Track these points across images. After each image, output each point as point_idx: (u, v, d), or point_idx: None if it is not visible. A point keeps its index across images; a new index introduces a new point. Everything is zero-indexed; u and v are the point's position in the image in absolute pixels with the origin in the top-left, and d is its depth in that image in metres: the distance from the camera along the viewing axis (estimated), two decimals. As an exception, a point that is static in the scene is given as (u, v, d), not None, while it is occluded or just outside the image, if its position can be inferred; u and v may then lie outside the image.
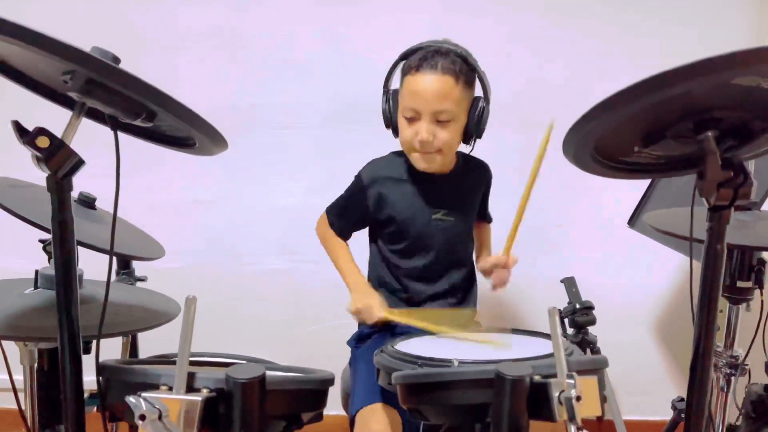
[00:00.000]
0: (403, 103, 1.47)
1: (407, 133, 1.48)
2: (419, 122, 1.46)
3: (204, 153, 1.03)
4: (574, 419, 0.85)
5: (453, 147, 1.52)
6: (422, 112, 1.45)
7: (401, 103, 1.48)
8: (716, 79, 0.79)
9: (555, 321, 0.91)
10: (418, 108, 1.45)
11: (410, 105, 1.45)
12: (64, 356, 0.95)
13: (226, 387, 0.84)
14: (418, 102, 1.44)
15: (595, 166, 1.02)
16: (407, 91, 1.47)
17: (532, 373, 0.89)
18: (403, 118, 1.49)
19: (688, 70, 0.76)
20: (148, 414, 0.78)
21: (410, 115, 1.46)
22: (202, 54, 2.09)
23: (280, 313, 2.21)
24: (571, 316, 1.72)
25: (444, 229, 1.58)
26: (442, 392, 0.97)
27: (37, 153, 0.88)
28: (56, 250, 0.92)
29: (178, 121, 0.87)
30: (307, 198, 2.18)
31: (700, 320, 0.98)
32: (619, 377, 2.12)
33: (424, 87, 1.43)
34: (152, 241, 1.64)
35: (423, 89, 1.44)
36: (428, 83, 1.43)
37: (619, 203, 2.00)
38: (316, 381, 0.98)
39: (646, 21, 2.06)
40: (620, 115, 0.86)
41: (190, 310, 0.85)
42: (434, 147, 1.47)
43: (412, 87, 1.45)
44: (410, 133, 1.47)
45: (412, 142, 1.48)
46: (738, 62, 0.75)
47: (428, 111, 1.44)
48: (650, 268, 2.19)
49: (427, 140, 1.45)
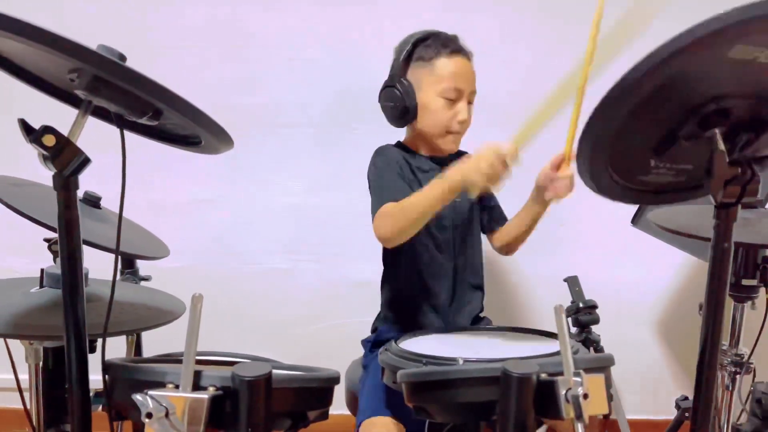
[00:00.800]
0: (443, 84, 1.49)
1: (445, 114, 1.51)
2: (458, 103, 1.51)
3: (209, 151, 1.03)
4: (581, 417, 0.84)
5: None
6: (464, 91, 1.50)
7: (438, 84, 1.49)
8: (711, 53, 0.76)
9: (561, 319, 0.91)
10: (462, 87, 1.50)
11: (454, 85, 1.49)
12: (70, 355, 0.95)
13: (233, 385, 0.84)
14: (462, 82, 1.50)
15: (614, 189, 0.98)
16: (447, 72, 1.49)
17: (538, 371, 0.89)
18: (439, 101, 1.50)
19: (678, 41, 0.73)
20: (154, 412, 0.78)
21: (454, 95, 1.50)
22: (204, 52, 2.09)
23: (282, 313, 2.21)
24: (575, 315, 1.71)
25: (454, 208, 1.58)
26: (448, 390, 0.97)
27: (44, 151, 0.88)
28: (62, 248, 0.92)
29: (183, 119, 0.87)
30: (308, 197, 2.18)
31: (708, 319, 0.98)
32: (622, 376, 2.12)
33: (464, 68, 1.51)
34: (157, 240, 1.64)
35: (464, 70, 1.51)
36: (466, 65, 1.52)
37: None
38: (322, 379, 0.98)
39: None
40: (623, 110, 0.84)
41: (197, 308, 0.84)
42: (466, 127, 1.54)
43: (452, 68, 1.50)
44: (449, 114, 1.51)
45: (450, 124, 1.52)
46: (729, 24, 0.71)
47: (467, 91, 1.51)
48: (654, 267, 2.18)
49: (466, 120, 1.52)
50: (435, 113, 1.51)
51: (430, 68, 1.50)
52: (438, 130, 1.54)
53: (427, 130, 1.55)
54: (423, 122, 1.54)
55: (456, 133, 1.54)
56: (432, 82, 1.50)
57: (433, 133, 1.55)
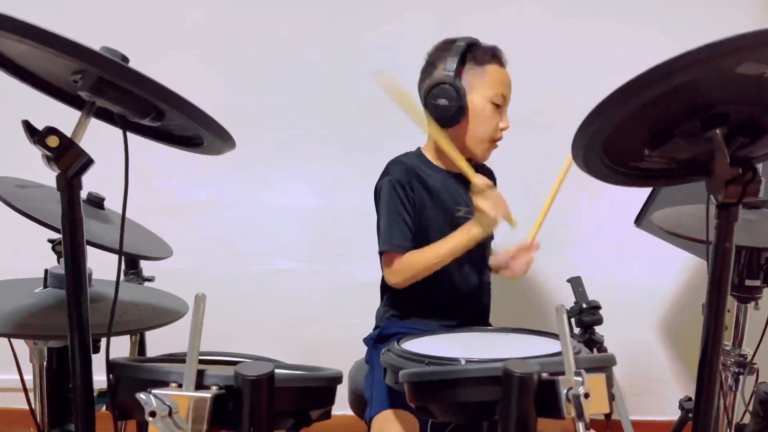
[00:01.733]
0: (495, 89, 1.51)
1: (492, 122, 1.53)
2: (502, 112, 1.54)
3: (212, 152, 1.03)
4: (582, 417, 0.85)
5: None
6: (507, 100, 1.55)
7: (490, 89, 1.51)
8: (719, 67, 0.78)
9: (563, 319, 0.91)
10: (507, 96, 1.54)
11: (503, 92, 1.53)
12: (74, 354, 0.95)
13: (236, 384, 0.85)
14: (507, 91, 1.54)
15: (606, 172, 1.00)
16: (497, 80, 1.52)
17: (540, 370, 0.90)
18: (490, 106, 1.51)
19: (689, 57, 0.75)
20: (158, 411, 0.78)
21: (501, 102, 1.52)
22: (206, 54, 2.09)
23: (286, 313, 2.21)
24: (578, 316, 1.70)
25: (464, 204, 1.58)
26: (450, 390, 0.97)
27: (47, 152, 0.88)
28: (66, 248, 0.93)
29: (186, 120, 0.88)
30: (312, 199, 2.18)
31: (709, 319, 0.98)
32: (626, 377, 2.13)
33: (508, 78, 1.55)
34: (160, 240, 1.65)
35: (508, 80, 1.55)
36: (508, 75, 1.55)
37: (625, 202, 1.99)
38: (325, 378, 0.99)
39: (653, 18, 2.06)
40: (625, 111, 0.85)
41: (200, 307, 0.85)
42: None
43: (500, 77, 1.53)
44: (495, 122, 1.53)
45: (494, 131, 1.53)
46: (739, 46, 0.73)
47: (509, 101, 1.56)
48: (657, 267, 2.18)
49: (508, 128, 1.55)
50: (485, 118, 1.52)
51: (482, 73, 1.51)
52: (484, 136, 1.54)
53: (474, 135, 1.54)
54: (472, 127, 1.53)
55: (496, 142, 1.56)
56: (484, 87, 1.50)
57: (480, 139, 1.54)
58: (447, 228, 1.54)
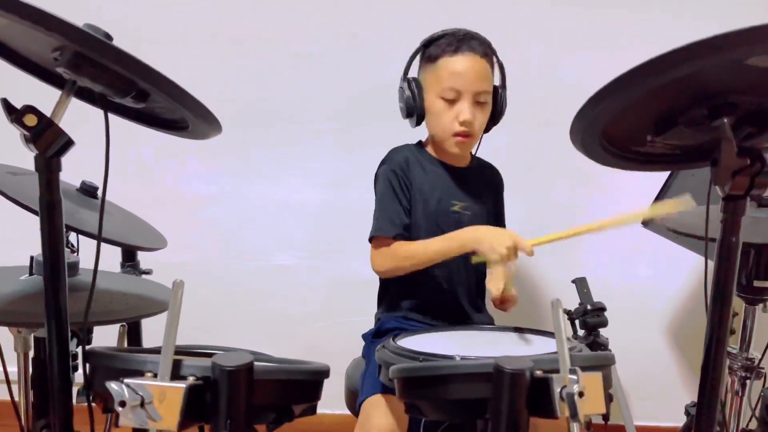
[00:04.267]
0: (442, 84, 1.46)
1: (446, 116, 1.47)
2: (459, 103, 1.46)
3: (198, 136, 1.00)
4: (576, 416, 0.80)
5: (480, 133, 1.54)
6: (464, 92, 1.45)
7: (438, 85, 1.46)
8: (728, 58, 0.76)
9: (558, 313, 0.87)
10: (461, 88, 1.45)
11: (452, 85, 1.45)
12: (51, 341, 0.93)
13: (212, 375, 0.81)
14: (461, 82, 1.45)
15: (604, 155, 0.97)
16: (447, 72, 1.46)
17: (532, 367, 0.85)
18: (439, 102, 1.47)
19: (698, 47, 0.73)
20: (128, 401, 0.75)
21: (452, 96, 1.45)
22: (212, 46, 2.06)
23: (285, 310, 2.18)
24: (582, 318, 1.67)
25: (459, 223, 1.53)
26: (439, 386, 0.93)
27: (25, 131, 0.86)
28: (44, 231, 0.90)
29: (168, 100, 0.84)
30: (315, 194, 2.15)
31: (713, 318, 0.94)
32: (631, 381, 2.08)
33: (466, 67, 1.45)
34: (154, 231, 1.62)
35: (465, 69, 1.45)
36: (469, 64, 1.45)
37: (632, 202, 1.94)
38: (308, 372, 0.95)
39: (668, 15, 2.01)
40: (629, 97, 0.82)
41: (177, 294, 0.82)
42: (474, 129, 1.48)
43: (453, 68, 1.45)
44: (450, 115, 1.47)
45: (451, 125, 1.47)
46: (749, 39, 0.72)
47: (470, 91, 1.45)
48: (664, 269, 2.12)
49: (470, 120, 1.46)
50: (437, 116, 1.49)
51: (434, 68, 1.48)
52: (440, 132, 1.51)
53: (433, 132, 1.54)
54: (428, 124, 1.53)
55: (461, 135, 1.48)
56: (433, 83, 1.48)
57: (439, 135, 1.52)
58: (440, 220, 1.52)
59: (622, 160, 0.98)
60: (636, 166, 1.00)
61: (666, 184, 1.85)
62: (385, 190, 1.51)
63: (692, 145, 0.97)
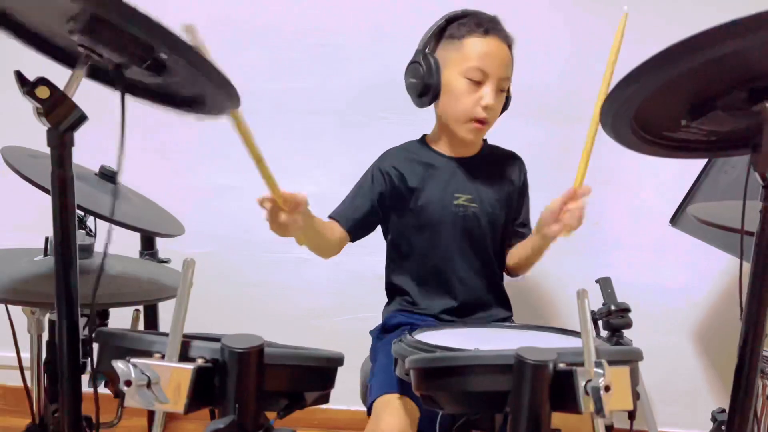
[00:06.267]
0: (468, 63, 1.40)
1: (469, 98, 1.41)
2: (483, 87, 1.40)
3: (215, 112, 0.97)
4: (601, 411, 0.76)
5: (494, 121, 1.48)
6: (491, 75, 1.39)
7: (463, 63, 1.40)
8: None
9: (584, 304, 0.83)
10: (489, 70, 1.39)
11: (480, 65, 1.39)
12: (61, 322, 0.90)
13: (221, 357, 0.78)
14: (490, 64, 1.39)
15: (635, 141, 0.93)
16: (475, 52, 1.40)
17: (556, 359, 0.81)
18: (462, 81, 1.41)
19: (739, 25, 0.69)
20: (134, 381, 0.72)
21: (478, 77, 1.39)
22: (229, 37, 2.05)
23: (302, 303, 2.17)
24: (606, 318, 1.63)
25: (465, 217, 1.50)
26: (457, 377, 0.89)
27: (38, 104, 0.84)
28: (55, 208, 0.88)
29: (187, 67, 0.82)
30: (332, 186, 2.11)
31: (749, 315, 0.89)
32: (656, 386, 2.03)
33: (496, 51, 1.41)
34: (172, 218, 1.61)
35: (495, 53, 1.40)
36: (499, 48, 1.41)
37: (660, 200, 1.90)
38: (321, 358, 0.92)
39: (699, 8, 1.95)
40: (664, 77, 0.78)
41: (188, 273, 0.79)
42: (493, 116, 1.43)
43: (483, 48, 1.40)
44: (473, 98, 1.40)
45: (473, 109, 1.41)
46: None
47: (496, 76, 1.40)
48: (693, 270, 2.07)
49: (492, 105, 1.40)
50: (457, 95, 1.42)
51: (459, 46, 1.42)
52: (459, 114, 1.44)
53: (448, 114, 1.46)
54: (444, 105, 1.46)
55: (479, 121, 1.42)
56: (458, 61, 1.41)
57: (455, 117, 1.45)
58: (444, 212, 1.49)
59: (654, 146, 0.93)
60: (668, 152, 0.95)
61: (696, 183, 1.79)
62: (360, 183, 1.55)
63: (728, 132, 0.92)
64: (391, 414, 1.25)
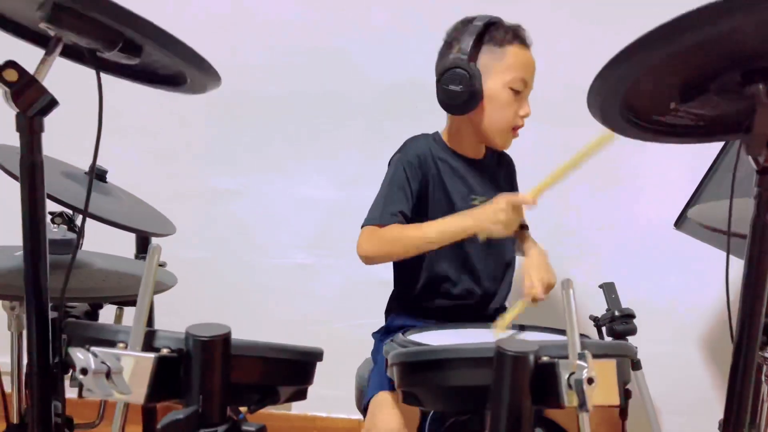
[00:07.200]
0: (513, 74, 1.38)
1: (511, 108, 1.40)
2: (521, 96, 1.41)
3: (197, 90, 0.95)
4: (584, 406, 0.72)
5: None
6: (529, 85, 1.42)
7: (508, 73, 1.38)
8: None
9: (569, 295, 0.79)
10: (529, 81, 1.42)
11: (524, 76, 1.40)
12: (30, 318, 0.87)
13: (186, 347, 0.75)
14: (530, 75, 1.42)
15: (623, 124, 0.89)
16: (519, 63, 1.40)
17: (537, 351, 0.77)
18: (506, 92, 1.39)
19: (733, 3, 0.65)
20: (92, 369, 0.69)
21: (521, 88, 1.40)
22: (230, 40, 2.04)
23: (302, 309, 2.14)
24: (610, 324, 1.59)
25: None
26: (437, 372, 0.86)
27: (6, 88, 0.82)
28: (24, 196, 0.86)
29: (158, 49, 0.80)
30: (334, 191, 2.10)
31: (744, 312, 0.85)
32: (661, 394, 1.96)
33: (532, 61, 1.42)
34: (162, 218, 1.58)
35: (532, 63, 1.42)
36: (531, 57, 1.43)
37: (664, 203, 1.85)
38: (295, 352, 0.89)
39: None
40: (655, 57, 0.74)
41: (153, 259, 0.76)
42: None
43: (525, 59, 1.41)
44: (515, 108, 1.41)
45: (514, 118, 1.41)
46: None
47: (530, 86, 1.43)
48: (698, 275, 2.00)
49: (529, 115, 1.42)
50: (502, 106, 1.40)
51: (501, 55, 1.39)
52: (502, 124, 1.42)
53: (491, 122, 1.43)
54: (488, 114, 1.42)
55: (517, 129, 1.44)
56: (501, 71, 1.38)
57: (498, 127, 1.43)
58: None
59: (642, 130, 0.89)
60: (655, 137, 0.92)
61: (701, 185, 1.75)
62: (392, 179, 1.43)
63: (716, 116, 0.89)
64: (386, 412, 1.23)
